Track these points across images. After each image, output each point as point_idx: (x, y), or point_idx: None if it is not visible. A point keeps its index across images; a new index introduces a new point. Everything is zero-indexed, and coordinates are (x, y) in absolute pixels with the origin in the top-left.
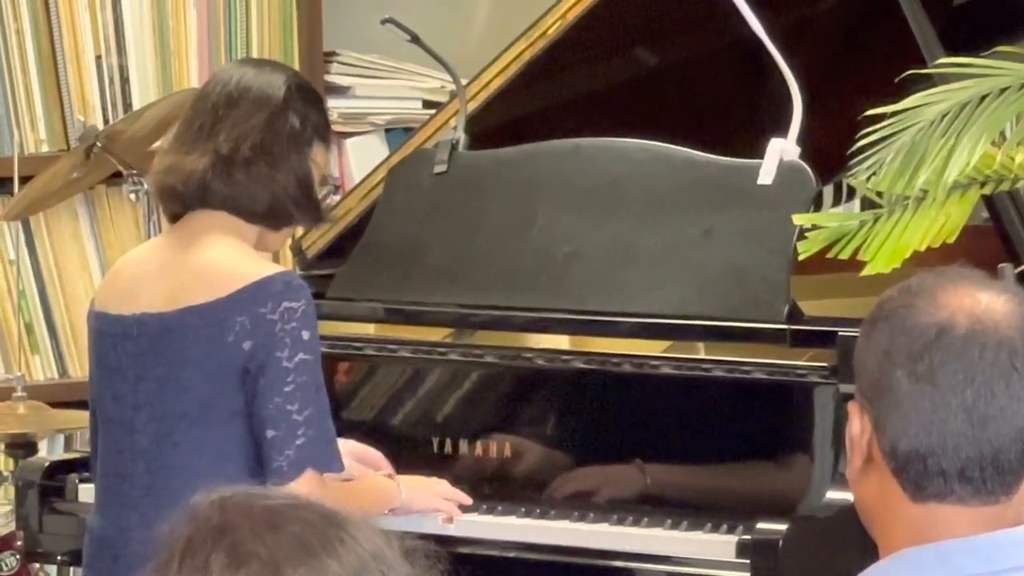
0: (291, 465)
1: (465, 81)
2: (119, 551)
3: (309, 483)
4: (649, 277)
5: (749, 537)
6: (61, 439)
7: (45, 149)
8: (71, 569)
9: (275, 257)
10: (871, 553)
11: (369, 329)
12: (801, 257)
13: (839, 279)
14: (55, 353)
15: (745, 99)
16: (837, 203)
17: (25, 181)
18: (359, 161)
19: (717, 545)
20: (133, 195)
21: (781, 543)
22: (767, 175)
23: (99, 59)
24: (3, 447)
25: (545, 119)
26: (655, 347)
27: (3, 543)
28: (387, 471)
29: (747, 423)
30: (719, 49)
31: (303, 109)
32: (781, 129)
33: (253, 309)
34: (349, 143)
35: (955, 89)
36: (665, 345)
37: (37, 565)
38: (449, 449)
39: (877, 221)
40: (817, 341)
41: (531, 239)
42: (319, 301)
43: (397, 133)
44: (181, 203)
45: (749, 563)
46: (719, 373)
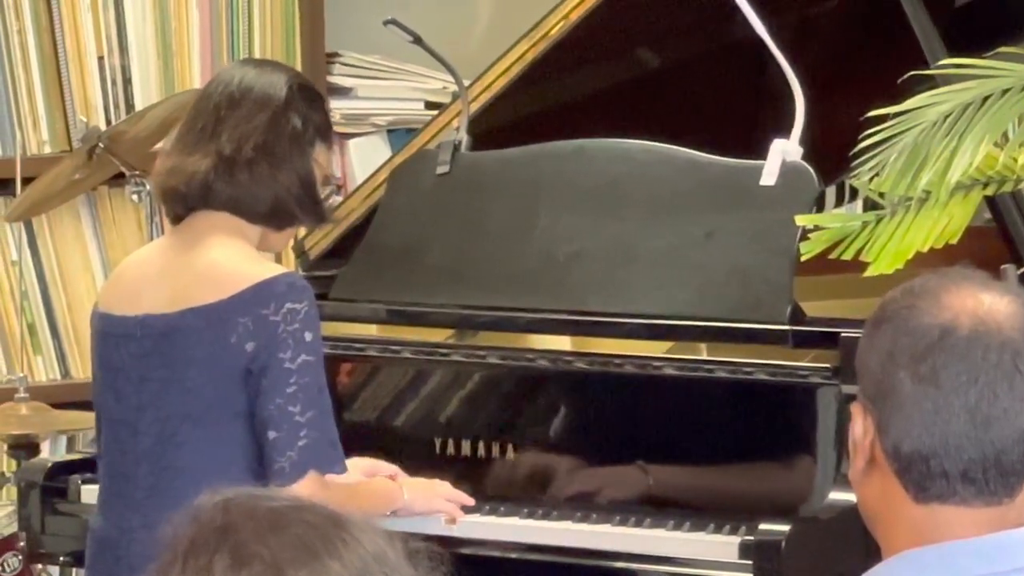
0: (293, 466)
1: (467, 82)
2: (121, 552)
3: (311, 484)
4: (651, 278)
5: (751, 538)
6: (63, 440)
7: (47, 150)
8: (73, 570)
9: (277, 258)
10: (873, 554)
11: (371, 330)
12: (804, 258)
13: (842, 280)
14: (57, 354)
15: (748, 100)
16: (840, 204)
17: (27, 182)
18: (361, 162)
19: (719, 546)
20: (135, 196)
21: (783, 544)
22: (770, 176)
23: (101, 60)
24: (5, 448)
25: (547, 120)
26: (657, 348)
27: (6, 544)
28: (390, 472)
29: (749, 424)
30: (722, 50)
31: (305, 109)
32: (784, 130)
33: (256, 310)
34: (351, 144)
35: (957, 90)
36: (667, 346)
37: (40, 566)
38: (451, 450)
39: (880, 222)
40: (819, 342)
41: (533, 240)
42: (321, 302)
43: (399, 134)
44: (184, 204)
45: (751, 564)
46: (721, 374)
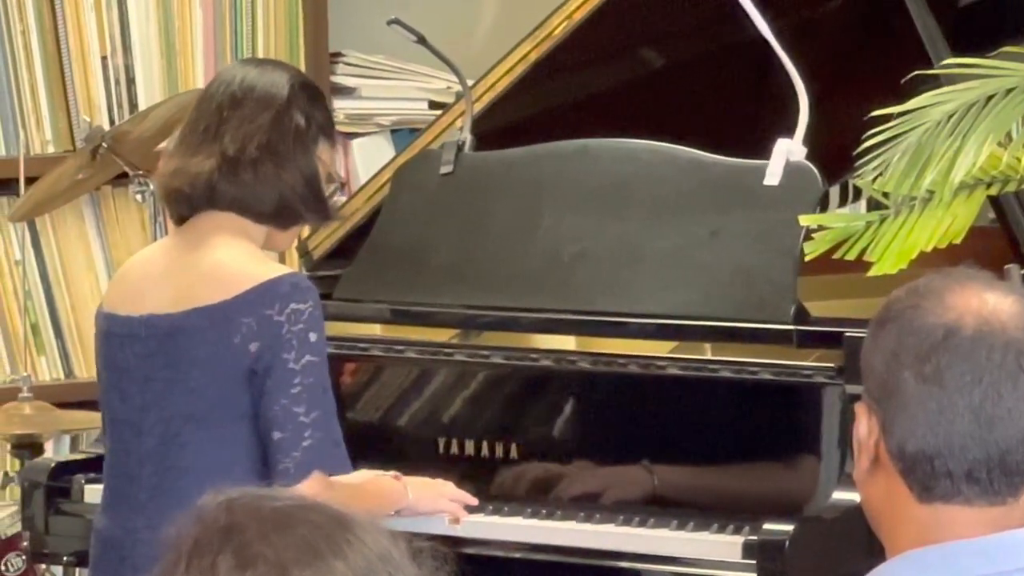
0: (298, 467)
1: (471, 82)
2: (125, 552)
3: (316, 485)
4: (655, 278)
5: (755, 538)
6: (67, 440)
7: (51, 150)
8: (77, 570)
9: (281, 258)
10: (878, 554)
11: (376, 330)
12: (808, 258)
13: (846, 280)
14: (61, 354)
15: (751, 99)
16: (843, 204)
17: (31, 182)
18: (365, 162)
19: (723, 546)
20: (139, 196)
21: (787, 544)
22: (773, 176)
23: (105, 60)
24: (9, 448)
25: (551, 120)
26: (662, 348)
27: (9, 544)
28: (393, 472)
29: (753, 424)
30: (725, 50)
31: (307, 107)
32: (787, 130)
33: (260, 311)
34: (355, 144)
35: (961, 90)
36: (672, 346)
37: (43, 566)
38: (455, 450)
39: (883, 222)
40: (824, 342)
41: (537, 240)
42: (325, 302)
43: (403, 134)
44: (188, 205)
45: (755, 564)
46: (726, 374)
